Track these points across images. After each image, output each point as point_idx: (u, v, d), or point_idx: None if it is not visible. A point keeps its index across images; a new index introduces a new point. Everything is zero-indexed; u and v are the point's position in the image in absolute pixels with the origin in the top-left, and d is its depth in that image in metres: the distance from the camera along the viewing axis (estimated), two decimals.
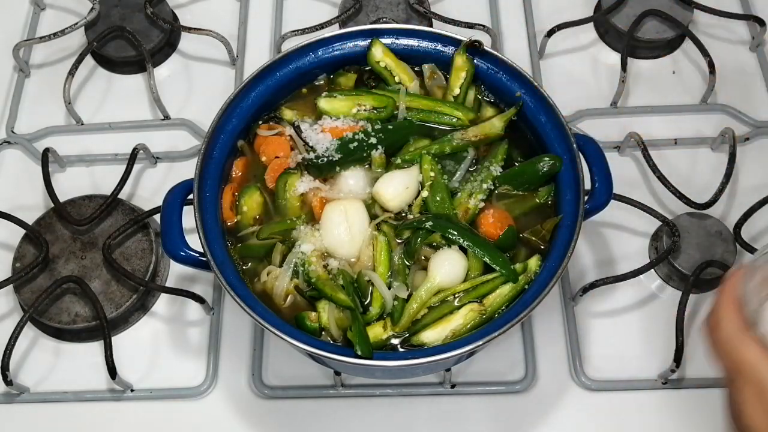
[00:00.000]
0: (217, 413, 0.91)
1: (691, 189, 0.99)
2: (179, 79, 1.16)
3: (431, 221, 0.80)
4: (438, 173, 0.84)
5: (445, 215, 0.81)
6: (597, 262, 0.98)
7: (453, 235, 0.79)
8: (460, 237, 0.79)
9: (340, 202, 0.82)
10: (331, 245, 0.80)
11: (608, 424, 0.89)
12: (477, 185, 0.83)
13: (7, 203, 1.05)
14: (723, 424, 0.88)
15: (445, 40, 0.89)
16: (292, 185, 0.83)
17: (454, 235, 0.79)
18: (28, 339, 0.96)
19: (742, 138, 1.04)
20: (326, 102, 0.87)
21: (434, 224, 0.79)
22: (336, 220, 0.80)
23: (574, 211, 0.78)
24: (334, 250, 0.80)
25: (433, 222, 0.80)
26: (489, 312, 0.77)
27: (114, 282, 0.96)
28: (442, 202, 0.82)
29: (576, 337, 0.93)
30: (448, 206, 0.82)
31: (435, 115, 0.88)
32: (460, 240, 0.79)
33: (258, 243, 0.82)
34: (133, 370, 0.94)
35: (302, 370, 0.92)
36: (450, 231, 0.79)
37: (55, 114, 1.13)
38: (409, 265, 0.80)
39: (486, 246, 0.79)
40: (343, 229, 0.80)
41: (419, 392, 0.91)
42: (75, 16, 1.21)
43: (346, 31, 0.90)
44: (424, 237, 0.80)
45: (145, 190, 1.06)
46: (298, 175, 0.84)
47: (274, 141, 0.87)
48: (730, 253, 0.94)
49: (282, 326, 0.74)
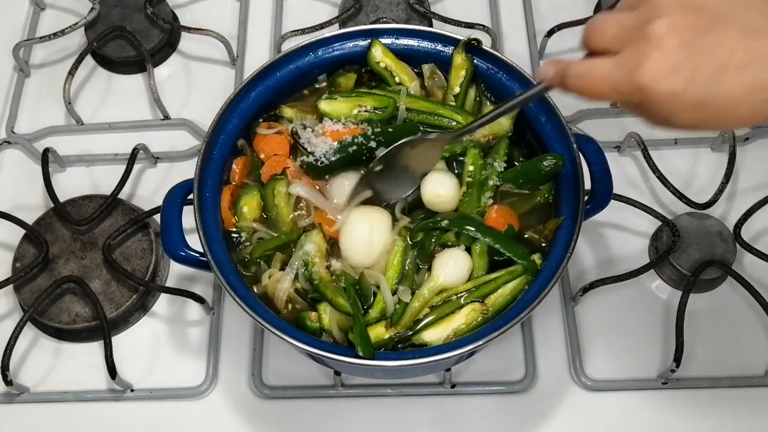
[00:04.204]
0: (217, 413, 0.91)
1: (691, 189, 0.99)
2: (179, 79, 1.16)
3: (446, 219, 0.80)
4: (478, 169, 0.83)
5: (460, 213, 0.81)
6: (597, 262, 0.98)
7: (470, 232, 0.79)
8: (478, 233, 0.79)
9: (368, 212, 0.81)
10: (347, 253, 0.80)
11: (608, 424, 0.89)
12: (484, 182, 0.83)
13: (7, 203, 1.05)
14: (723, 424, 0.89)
15: (445, 40, 0.89)
16: (279, 192, 0.83)
17: (472, 232, 0.79)
18: (28, 339, 0.96)
19: (742, 138, 1.04)
20: (327, 104, 0.87)
21: (450, 222, 0.79)
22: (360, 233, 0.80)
23: (574, 211, 0.78)
24: (351, 258, 0.80)
25: (449, 220, 0.80)
26: (491, 312, 0.77)
27: (114, 282, 0.96)
28: (471, 199, 0.82)
29: (576, 337, 0.93)
30: (475, 203, 0.82)
31: (435, 117, 0.87)
32: (479, 236, 0.79)
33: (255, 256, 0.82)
34: (133, 370, 0.94)
35: (302, 370, 0.92)
36: (467, 228, 0.79)
37: (55, 114, 1.13)
38: (420, 268, 0.80)
39: (503, 239, 0.79)
40: (365, 240, 0.79)
41: (419, 392, 0.91)
42: (75, 16, 1.21)
43: (346, 31, 0.90)
44: (438, 237, 0.80)
45: (145, 190, 1.06)
46: (285, 182, 0.83)
47: (274, 139, 0.87)
48: (730, 253, 0.94)
49: (282, 326, 0.74)
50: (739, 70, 0.50)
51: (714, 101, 0.51)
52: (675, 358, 0.87)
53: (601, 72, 0.55)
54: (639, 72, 0.52)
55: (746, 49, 0.50)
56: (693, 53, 0.51)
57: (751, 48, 0.50)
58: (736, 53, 0.50)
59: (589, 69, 0.57)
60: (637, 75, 0.52)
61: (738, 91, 0.51)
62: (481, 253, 0.79)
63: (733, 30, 0.51)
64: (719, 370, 0.91)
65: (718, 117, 0.52)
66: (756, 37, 0.51)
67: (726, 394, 0.90)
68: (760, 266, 0.95)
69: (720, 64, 0.51)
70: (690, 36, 0.51)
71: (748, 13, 0.52)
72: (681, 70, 0.51)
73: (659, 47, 0.51)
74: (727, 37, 0.51)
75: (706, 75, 0.51)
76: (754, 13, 0.52)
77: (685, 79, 0.51)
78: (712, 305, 0.95)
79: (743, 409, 0.89)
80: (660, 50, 0.51)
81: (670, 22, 0.51)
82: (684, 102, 0.52)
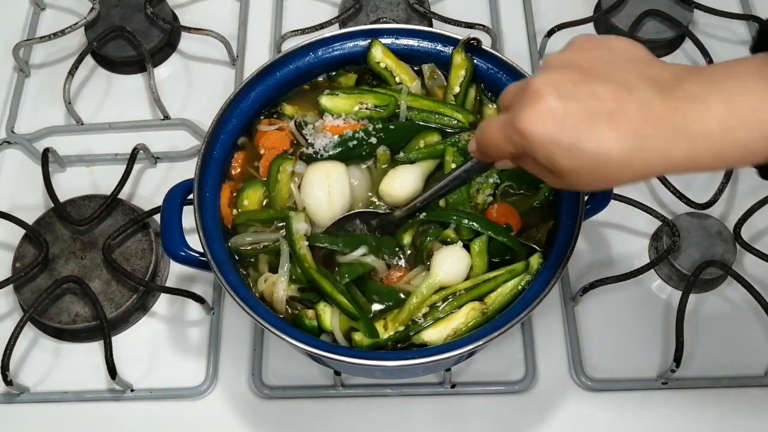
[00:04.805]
0: (217, 413, 0.91)
1: (691, 189, 0.99)
2: (179, 79, 1.16)
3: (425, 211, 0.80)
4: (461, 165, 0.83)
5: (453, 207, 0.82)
6: (597, 262, 0.98)
7: (453, 219, 0.79)
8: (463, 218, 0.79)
9: (323, 164, 0.83)
10: (310, 208, 0.82)
11: (608, 424, 0.89)
12: (483, 179, 0.83)
13: (7, 203, 1.05)
14: (723, 424, 0.89)
15: (445, 39, 0.89)
16: (285, 169, 0.84)
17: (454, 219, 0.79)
18: (28, 339, 0.96)
19: None
20: (328, 99, 0.87)
21: (429, 214, 0.80)
22: (317, 182, 0.82)
23: (574, 211, 0.78)
24: (314, 213, 0.82)
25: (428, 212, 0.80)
26: (491, 311, 0.77)
27: (114, 282, 0.96)
28: (459, 196, 0.82)
29: (576, 337, 0.93)
30: (465, 199, 0.82)
31: (436, 116, 0.88)
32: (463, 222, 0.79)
33: (245, 243, 0.81)
34: (133, 370, 0.94)
35: (302, 370, 0.92)
36: (452, 217, 0.79)
37: (55, 114, 1.12)
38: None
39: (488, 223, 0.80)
40: (323, 192, 0.81)
41: (419, 392, 0.91)
42: (75, 16, 1.21)
43: (346, 31, 0.90)
44: (434, 235, 0.80)
45: (145, 190, 1.06)
46: (291, 161, 0.84)
47: (274, 135, 0.87)
48: (730, 253, 0.94)
49: (282, 326, 0.74)
50: (609, 118, 0.53)
51: (586, 146, 0.54)
52: (675, 358, 0.87)
53: (496, 124, 0.60)
54: (519, 118, 0.56)
55: (617, 99, 0.53)
56: (567, 100, 0.54)
57: (623, 99, 0.53)
58: (607, 101, 0.53)
59: (489, 123, 0.62)
60: (518, 121, 0.56)
61: (609, 138, 0.53)
62: (480, 252, 0.79)
63: (608, 83, 0.54)
64: (719, 370, 0.91)
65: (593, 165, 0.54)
66: (628, 90, 0.54)
67: (726, 394, 0.90)
68: (760, 266, 0.95)
69: (592, 110, 0.54)
70: (565, 86, 0.55)
71: (624, 73, 0.55)
72: (554, 115, 0.54)
73: (538, 96, 0.55)
74: (600, 88, 0.54)
75: (578, 119, 0.54)
76: (630, 74, 0.55)
77: (558, 122, 0.54)
78: (712, 305, 0.95)
79: (743, 409, 0.89)
80: (538, 99, 0.55)
81: (549, 77, 0.56)
82: (560, 145, 0.54)
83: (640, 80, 0.54)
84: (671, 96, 0.53)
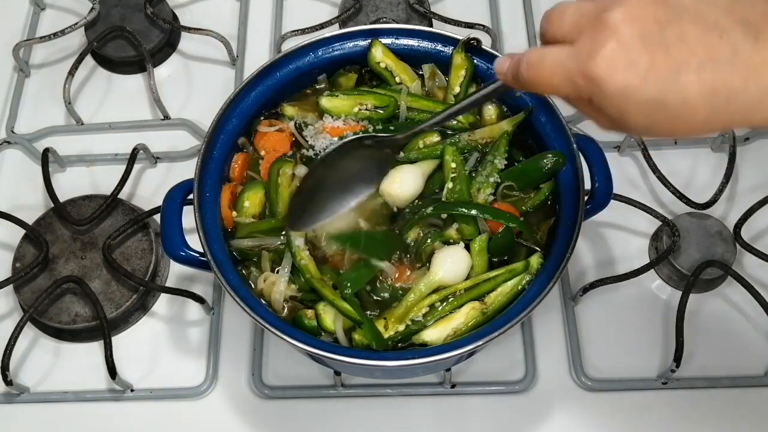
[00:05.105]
0: (217, 413, 0.91)
1: (691, 189, 0.99)
2: (179, 79, 1.16)
3: (431, 206, 0.80)
4: (460, 165, 0.83)
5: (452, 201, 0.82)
6: (597, 262, 0.98)
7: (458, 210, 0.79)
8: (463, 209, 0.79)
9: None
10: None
11: (608, 424, 0.89)
12: (483, 179, 0.83)
13: (7, 203, 1.05)
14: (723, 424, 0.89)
15: (445, 39, 0.89)
16: (285, 172, 0.83)
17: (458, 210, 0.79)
18: (28, 339, 0.96)
19: (742, 138, 1.04)
20: (328, 101, 0.87)
21: (435, 208, 0.80)
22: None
23: (574, 211, 0.78)
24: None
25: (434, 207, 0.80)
26: (490, 310, 0.77)
27: (114, 282, 0.96)
28: (461, 194, 0.82)
29: (576, 337, 0.93)
30: (466, 197, 0.82)
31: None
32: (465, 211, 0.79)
33: (245, 245, 0.81)
34: (133, 370, 0.94)
35: (302, 370, 0.92)
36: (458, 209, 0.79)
37: (55, 114, 1.13)
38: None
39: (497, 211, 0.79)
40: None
41: (419, 392, 0.91)
42: (75, 16, 1.21)
43: (346, 31, 0.90)
44: (435, 237, 0.80)
45: (145, 190, 1.06)
46: (292, 164, 0.84)
47: (275, 137, 0.87)
48: (730, 253, 0.94)
49: (282, 326, 0.74)
50: (698, 69, 0.47)
51: (669, 101, 0.48)
52: (675, 358, 0.87)
53: (554, 60, 0.52)
54: (592, 62, 0.48)
55: (707, 46, 0.47)
56: (651, 46, 0.47)
57: (713, 45, 0.47)
58: (696, 50, 0.47)
59: (543, 57, 0.53)
60: (590, 65, 0.48)
61: (695, 91, 0.47)
62: (480, 252, 0.79)
63: (696, 25, 0.47)
64: (719, 370, 0.91)
65: (672, 119, 0.49)
66: (719, 35, 0.47)
67: (726, 394, 0.90)
68: (760, 266, 0.95)
69: (679, 61, 0.47)
70: (649, 27, 0.48)
71: (712, 9, 0.48)
72: (637, 63, 0.47)
73: (616, 36, 0.48)
74: (688, 32, 0.47)
75: (664, 71, 0.47)
76: (719, 9, 0.48)
77: (640, 74, 0.47)
78: (712, 305, 0.95)
79: (743, 409, 0.89)
80: (616, 39, 0.48)
81: (629, 10, 0.48)
82: (637, 99, 0.48)
83: (730, 21, 0.47)
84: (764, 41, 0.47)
